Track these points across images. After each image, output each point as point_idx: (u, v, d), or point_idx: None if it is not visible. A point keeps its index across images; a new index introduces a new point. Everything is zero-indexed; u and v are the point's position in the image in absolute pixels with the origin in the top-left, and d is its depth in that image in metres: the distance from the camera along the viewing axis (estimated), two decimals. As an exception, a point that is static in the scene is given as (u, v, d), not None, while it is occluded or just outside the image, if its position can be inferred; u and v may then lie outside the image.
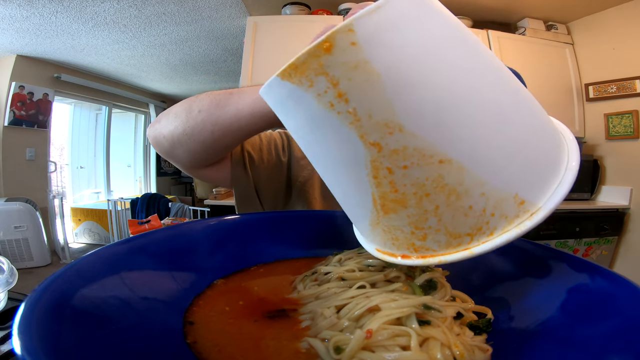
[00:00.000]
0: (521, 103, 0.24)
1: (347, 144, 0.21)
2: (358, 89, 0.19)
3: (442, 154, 0.20)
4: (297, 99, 0.21)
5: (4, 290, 0.52)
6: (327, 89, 0.20)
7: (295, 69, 0.20)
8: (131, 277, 0.29)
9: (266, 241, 0.44)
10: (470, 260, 0.37)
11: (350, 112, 0.20)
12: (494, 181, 0.21)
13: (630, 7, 2.08)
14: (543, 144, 0.23)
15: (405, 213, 0.22)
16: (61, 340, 0.18)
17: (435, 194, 0.21)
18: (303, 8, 2.17)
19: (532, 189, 0.22)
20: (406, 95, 0.19)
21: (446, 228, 0.22)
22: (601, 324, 0.23)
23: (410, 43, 0.19)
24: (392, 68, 0.19)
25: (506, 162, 0.21)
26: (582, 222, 1.98)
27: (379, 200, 0.23)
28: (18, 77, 2.94)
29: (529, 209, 0.22)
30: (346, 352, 0.22)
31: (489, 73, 0.23)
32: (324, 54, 0.19)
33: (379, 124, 0.20)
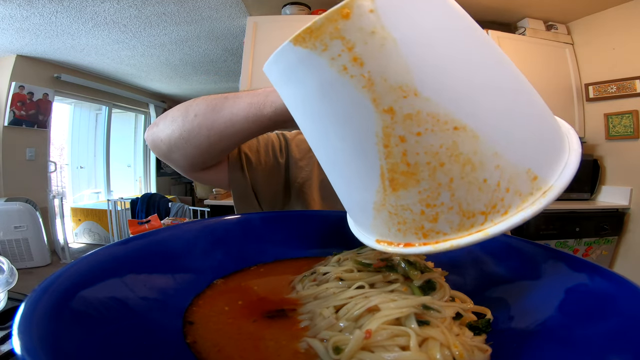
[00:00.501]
0: (527, 85, 0.24)
1: (358, 110, 0.21)
2: (374, 52, 0.19)
3: (457, 120, 0.20)
4: (309, 64, 0.21)
5: (4, 290, 0.52)
6: (341, 52, 0.20)
7: (311, 33, 0.20)
8: (131, 277, 0.29)
9: (266, 241, 0.44)
10: (469, 260, 0.37)
11: (365, 75, 0.20)
12: (507, 153, 0.21)
13: (630, 7, 2.08)
14: (549, 125, 0.24)
15: (417, 189, 0.21)
16: (61, 340, 0.18)
17: (450, 164, 0.21)
18: (303, 8, 2.17)
19: (544, 166, 0.22)
20: (422, 60, 0.20)
21: (460, 205, 0.21)
22: (601, 324, 0.23)
23: (426, 11, 0.20)
24: (409, 34, 0.19)
25: (520, 135, 0.21)
26: (582, 222, 1.98)
27: (388, 174, 0.22)
28: (18, 77, 2.94)
29: (541, 186, 0.22)
30: (345, 353, 0.22)
31: (499, 52, 0.23)
32: (342, 19, 0.19)
33: (393, 88, 0.20)
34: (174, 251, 0.36)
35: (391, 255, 0.31)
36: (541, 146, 0.22)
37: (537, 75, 2.27)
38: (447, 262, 0.36)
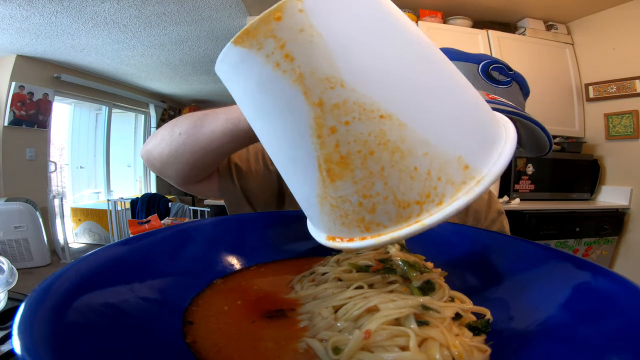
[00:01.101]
0: (459, 77, 0.25)
1: (292, 104, 0.22)
2: (302, 48, 0.21)
3: (382, 109, 0.21)
4: (248, 62, 0.23)
5: (4, 290, 0.52)
6: (274, 49, 0.21)
7: (248, 34, 0.22)
8: (131, 277, 0.29)
9: (266, 240, 0.44)
10: (469, 260, 0.37)
11: (295, 70, 0.21)
12: (435, 140, 0.21)
13: (630, 7, 2.08)
14: (482, 114, 0.24)
15: (352, 178, 0.22)
16: (61, 340, 0.18)
17: (379, 152, 0.21)
18: (303, 8, 2.17)
19: (475, 155, 0.22)
20: (347, 53, 0.21)
21: (394, 194, 0.22)
22: (601, 324, 0.23)
23: (352, 8, 0.22)
24: (335, 30, 0.21)
25: (447, 122, 0.22)
26: (582, 222, 1.98)
27: (324, 164, 0.22)
28: (18, 77, 2.94)
29: (474, 175, 0.22)
30: (345, 353, 0.22)
31: (427, 44, 0.24)
32: (274, 20, 0.21)
33: (321, 80, 0.21)
34: (173, 251, 0.36)
35: (389, 256, 0.31)
36: (472, 135, 0.23)
37: (537, 75, 2.27)
38: (447, 262, 0.36)
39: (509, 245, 0.37)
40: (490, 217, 0.67)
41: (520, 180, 2.09)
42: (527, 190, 2.10)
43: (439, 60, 0.24)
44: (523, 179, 2.10)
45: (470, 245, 0.40)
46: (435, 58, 0.24)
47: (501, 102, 0.45)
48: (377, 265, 0.30)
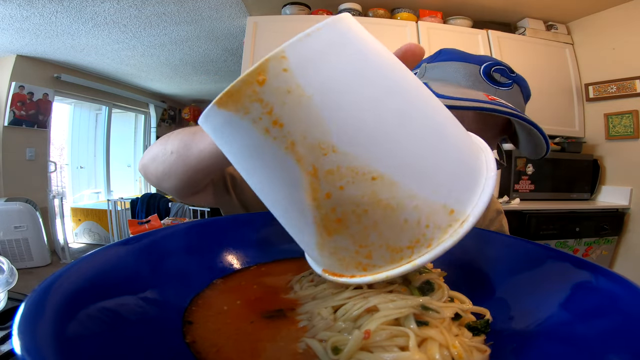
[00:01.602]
0: (443, 117, 0.25)
1: (285, 169, 0.22)
2: (291, 112, 0.20)
3: (373, 170, 0.21)
4: (234, 127, 0.22)
5: (4, 290, 0.52)
6: (262, 115, 0.20)
7: (231, 97, 0.20)
8: (131, 277, 0.29)
9: (266, 240, 0.44)
10: (468, 260, 0.37)
11: (285, 136, 0.20)
12: (423, 194, 0.22)
13: (630, 7, 2.08)
14: (463, 156, 0.25)
15: (348, 232, 0.23)
16: (61, 340, 0.18)
17: (373, 210, 0.22)
18: (303, 8, 2.17)
19: (460, 199, 0.24)
20: (336, 115, 0.20)
21: (387, 243, 0.23)
22: (601, 324, 0.23)
23: (337, 67, 0.21)
24: (322, 90, 0.20)
25: (434, 175, 0.23)
26: (582, 222, 1.98)
27: (322, 222, 0.23)
28: (18, 77, 2.94)
29: (459, 217, 0.24)
30: (344, 353, 0.22)
31: (413, 87, 0.24)
32: (257, 83, 0.20)
33: (313, 146, 0.20)
34: (173, 251, 0.36)
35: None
36: (456, 181, 0.24)
37: (537, 75, 2.27)
38: (446, 262, 0.36)
39: (509, 245, 0.37)
40: (489, 216, 0.67)
41: (520, 180, 2.09)
42: (527, 190, 2.10)
43: (425, 104, 0.24)
44: (523, 179, 2.10)
45: (469, 245, 0.40)
46: (421, 103, 0.24)
47: (500, 104, 0.45)
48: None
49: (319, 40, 0.20)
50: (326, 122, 0.20)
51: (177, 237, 0.38)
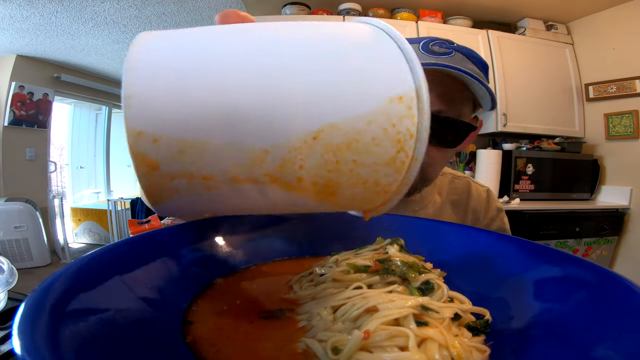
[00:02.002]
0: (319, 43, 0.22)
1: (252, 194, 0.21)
2: (197, 158, 0.19)
3: (315, 130, 0.19)
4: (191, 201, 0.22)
5: (4, 290, 0.52)
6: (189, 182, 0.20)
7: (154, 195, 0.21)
8: (131, 276, 0.29)
9: (267, 240, 0.44)
10: (468, 261, 0.37)
11: (205, 177, 0.19)
12: (365, 109, 0.21)
13: (630, 7, 2.08)
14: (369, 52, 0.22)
15: (343, 189, 0.21)
16: (61, 340, 0.18)
17: (342, 158, 0.20)
18: (303, 8, 2.17)
19: (395, 85, 0.22)
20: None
21: (380, 165, 0.21)
22: (601, 324, 0.24)
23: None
24: (175, 130, 0.18)
25: (357, 90, 0.20)
26: (582, 222, 1.98)
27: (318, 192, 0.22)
28: (18, 77, 2.94)
29: (410, 94, 0.21)
30: (344, 353, 0.22)
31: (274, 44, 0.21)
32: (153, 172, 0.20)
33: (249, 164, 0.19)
34: (174, 251, 0.36)
35: (388, 257, 0.31)
36: (381, 75, 0.21)
37: (537, 75, 2.27)
38: (446, 262, 0.36)
39: (509, 245, 0.37)
40: (490, 215, 0.68)
41: (520, 180, 2.09)
42: (527, 190, 2.10)
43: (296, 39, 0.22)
44: (523, 179, 2.10)
45: (469, 245, 0.40)
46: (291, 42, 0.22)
47: (436, 64, 0.46)
48: (376, 266, 0.30)
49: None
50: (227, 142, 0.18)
51: (177, 236, 0.38)
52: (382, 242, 0.36)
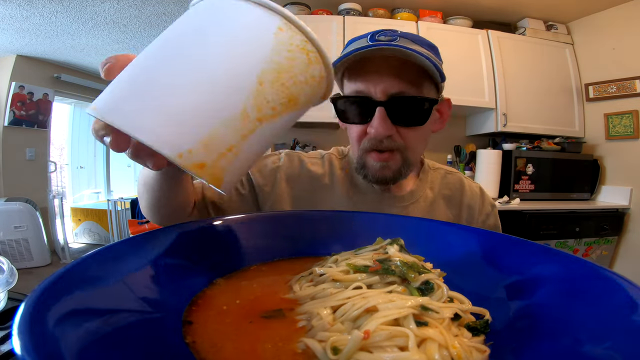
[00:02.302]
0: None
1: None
2: None
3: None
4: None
5: (4, 290, 0.52)
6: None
7: None
8: (131, 276, 0.29)
9: (267, 240, 0.44)
10: (468, 261, 0.37)
11: (229, 147, 0.26)
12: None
13: (630, 7, 2.08)
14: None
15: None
16: (61, 340, 0.18)
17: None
18: (303, 8, 2.17)
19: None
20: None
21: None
22: (600, 324, 0.24)
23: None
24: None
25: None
26: (582, 222, 1.98)
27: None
28: (18, 77, 2.94)
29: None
30: (343, 353, 0.22)
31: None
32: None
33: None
34: (174, 251, 0.36)
35: (388, 257, 0.31)
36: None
37: (537, 75, 2.27)
38: (446, 262, 0.36)
39: (508, 246, 0.37)
40: (485, 210, 0.68)
41: (520, 180, 2.09)
42: (527, 190, 2.10)
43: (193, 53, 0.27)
44: (523, 179, 2.10)
45: (469, 246, 0.40)
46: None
47: (378, 44, 0.50)
48: (376, 266, 0.30)
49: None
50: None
51: (177, 237, 0.38)
52: (382, 242, 0.36)
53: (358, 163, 0.58)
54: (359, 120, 0.55)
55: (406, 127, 0.54)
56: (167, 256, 0.35)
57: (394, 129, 0.53)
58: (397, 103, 0.52)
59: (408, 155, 0.56)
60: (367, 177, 0.58)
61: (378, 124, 0.52)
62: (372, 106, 0.52)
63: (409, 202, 0.64)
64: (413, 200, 0.65)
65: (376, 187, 0.63)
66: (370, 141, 0.54)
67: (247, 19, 0.26)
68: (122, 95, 0.23)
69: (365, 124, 0.54)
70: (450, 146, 2.48)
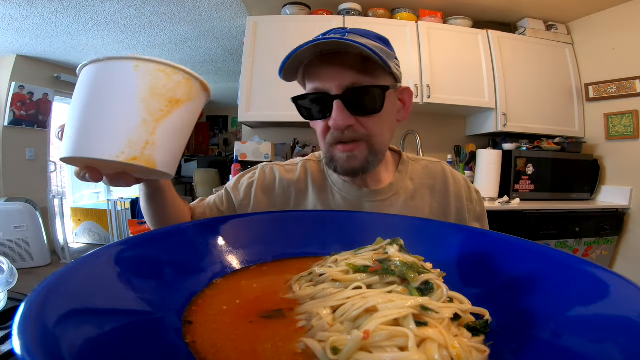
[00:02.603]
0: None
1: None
2: None
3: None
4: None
5: (4, 290, 0.52)
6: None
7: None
8: (131, 276, 0.29)
9: (267, 240, 0.44)
10: (468, 261, 0.37)
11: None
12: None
13: (630, 7, 2.08)
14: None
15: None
16: (61, 340, 0.18)
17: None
18: (303, 8, 2.17)
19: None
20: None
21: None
22: (600, 324, 0.24)
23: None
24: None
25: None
26: (582, 222, 1.98)
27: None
28: (18, 77, 2.94)
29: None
30: (343, 353, 0.22)
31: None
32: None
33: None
34: (174, 251, 0.36)
35: (388, 257, 0.31)
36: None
37: (537, 75, 2.27)
38: (446, 262, 0.37)
39: (508, 246, 0.37)
40: (473, 197, 0.69)
41: (520, 180, 2.09)
42: (527, 190, 2.10)
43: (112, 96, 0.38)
44: (523, 179, 2.10)
45: (469, 246, 0.40)
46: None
47: (324, 38, 0.52)
48: (376, 266, 0.30)
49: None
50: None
51: (177, 237, 0.38)
52: (382, 242, 0.36)
53: (326, 157, 0.60)
54: (321, 116, 0.57)
55: (365, 116, 0.56)
56: (167, 256, 0.35)
57: (353, 119, 0.55)
58: (352, 94, 0.54)
59: (373, 143, 0.58)
60: (337, 170, 0.60)
61: (336, 116, 0.54)
62: (330, 100, 0.54)
63: (388, 195, 0.65)
64: (393, 193, 0.65)
65: (353, 185, 0.65)
66: (333, 134, 0.57)
67: (115, 69, 0.36)
68: (74, 139, 0.34)
69: (327, 118, 0.56)
70: (450, 146, 2.48)
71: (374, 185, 0.65)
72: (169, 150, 0.37)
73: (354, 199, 0.65)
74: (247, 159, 2.16)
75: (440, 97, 2.11)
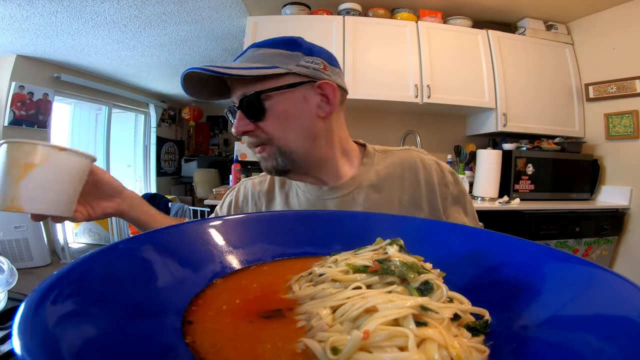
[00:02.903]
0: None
1: None
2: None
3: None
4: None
5: (4, 290, 0.52)
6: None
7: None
8: (131, 276, 0.29)
9: (267, 240, 0.44)
10: (467, 261, 0.37)
11: None
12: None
13: (630, 7, 2.08)
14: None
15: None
16: (61, 340, 0.18)
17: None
18: (303, 8, 2.17)
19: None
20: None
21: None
22: (600, 324, 0.24)
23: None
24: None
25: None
26: (582, 222, 1.98)
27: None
28: (18, 77, 2.94)
29: None
30: (343, 353, 0.22)
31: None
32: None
33: None
34: (174, 251, 0.36)
35: (388, 257, 0.31)
36: None
37: (537, 75, 2.27)
38: (446, 262, 0.37)
39: (508, 246, 0.37)
40: (446, 180, 0.67)
41: (520, 180, 2.09)
42: (527, 190, 2.10)
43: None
44: (523, 179, 2.10)
45: (469, 246, 0.40)
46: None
47: (193, 68, 0.56)
48: (375, 266, 0.30)
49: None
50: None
51: (177, 236, 0.38)
52: (382, 242, 0.36)
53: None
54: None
55: (262, 121, 0.59)
56: (167, 256, 0.35)
57: (251, 125, 0.59)
58: (245, 102, 0.58)
59: (280, 145, 0.60)
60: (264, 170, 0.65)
61: (235, 124, 0.60)
62: (235, 112, 0.61)
63: (350, 190, 0.65)
64: (354, 187, 0.65)
65: (313, 185, 0.67)
66: (244, 140, 0.63)
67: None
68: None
69: None
70: (450, 146, 2.48)
71: (333, 182, 0.66)
72: (41, 198, 0.47)
73: (315, 198, 0.66)
74: (247, 159, 2.16)
75: (440, 97, 2.11)
